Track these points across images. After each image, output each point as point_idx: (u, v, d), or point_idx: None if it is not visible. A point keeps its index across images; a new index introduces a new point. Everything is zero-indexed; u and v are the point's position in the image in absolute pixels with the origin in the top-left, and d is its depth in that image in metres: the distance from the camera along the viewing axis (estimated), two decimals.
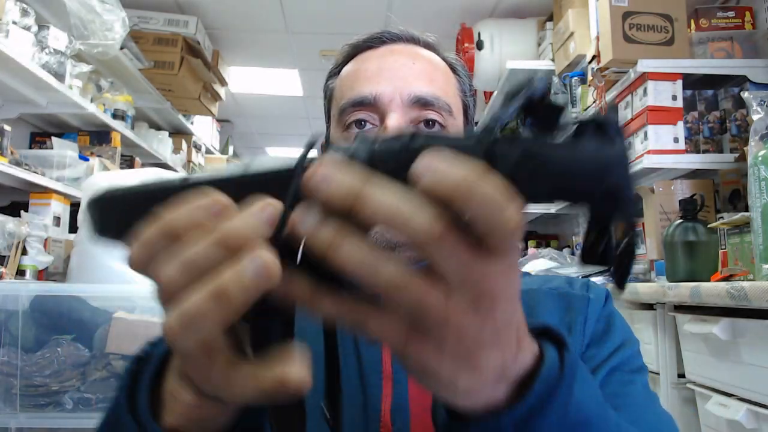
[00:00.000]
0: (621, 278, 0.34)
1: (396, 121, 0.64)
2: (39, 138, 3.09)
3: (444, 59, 0.74)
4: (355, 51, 0.73)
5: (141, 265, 0.31)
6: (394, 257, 0.28)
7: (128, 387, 0.39)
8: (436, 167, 0.27)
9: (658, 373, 1.66)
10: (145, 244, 0.31)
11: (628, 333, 0.67)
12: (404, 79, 0.66)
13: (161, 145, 4.11)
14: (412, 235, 0.27)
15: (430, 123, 0.66)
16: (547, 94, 0.32)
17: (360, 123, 0.67)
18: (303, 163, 0.29)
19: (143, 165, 3.73)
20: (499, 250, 0.28)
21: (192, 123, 4.71)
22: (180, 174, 0.29)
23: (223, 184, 0.31)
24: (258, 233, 0.28)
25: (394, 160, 0.29)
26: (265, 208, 0.28)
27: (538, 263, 2.57)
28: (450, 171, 0.27)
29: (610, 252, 0.33)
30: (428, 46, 0.73)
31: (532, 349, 0.35)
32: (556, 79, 2.93)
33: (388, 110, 0.65)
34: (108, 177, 1.87)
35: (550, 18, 3.24)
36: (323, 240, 0.28)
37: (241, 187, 0.30)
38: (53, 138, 2.94)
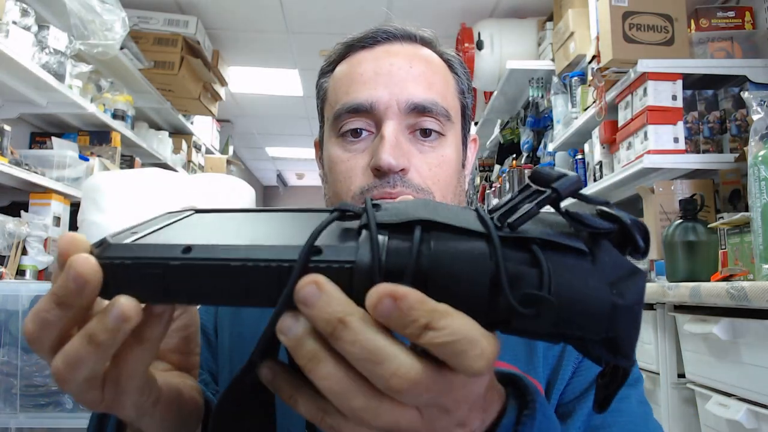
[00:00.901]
0: (603, 401, 0.33)
1: (392, 129, 0.63)
2: (39, 138, 3.09)
3: (441, 56, 0.72)
4: (350, 50, 0.70)
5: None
6: (367, 385, 0.28)
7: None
8: (401, 312, 0.27)
9: (658, 373, 1.66)
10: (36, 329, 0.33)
11: None
12: (401, 84, 0.65)
13: (161, 145, 4.11)
14: (381, 379, 0.27)
15: (427, 132, 0.65)
16: (578, 191, 0.29)
17: (356, 132, 0.65)
18: (304, 263, 0.28)
19: (143, 165, 3.73)
20: (472, 378, 0.29)
21: (192, 123, 4.71)
22: (182, 242, 0.29)
23: (223, 267, 0.29)
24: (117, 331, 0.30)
25: (398, 271, 0.28)
26: (118, 312, 0.30)
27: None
28: (411, 314, 0.27)
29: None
30: (425, 42, 0.71)
31: (499, 403, 0.36)
32: (555, 79, 2.93)
33: (385, 118, 0.64)
34: (108, 177, 1.87)
35: (550, 18, 3.24)
36: (302, 354, 0.29)
37: (241, 271, 0.29)
38: (53, 138, 2.94)
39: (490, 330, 0.28)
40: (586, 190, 2.57)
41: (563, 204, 0.30)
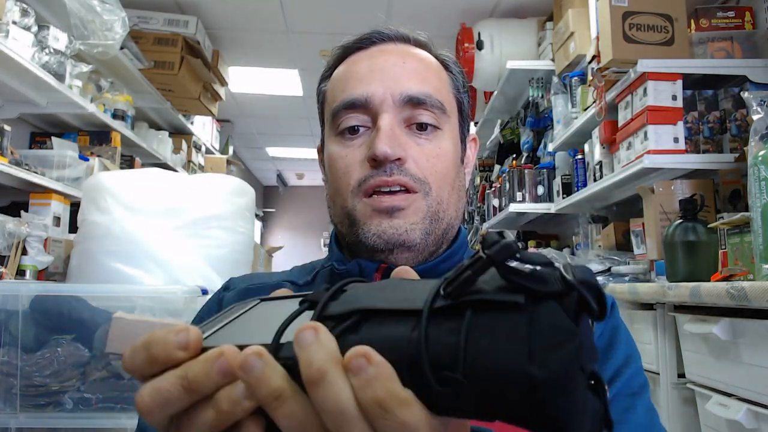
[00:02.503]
0: None
1: (388, 121, 0.64)
2: (39, 138, 3.09)
3: (436, 57, 0.73)
4: (346, 52, 0.72)
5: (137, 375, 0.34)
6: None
7: None
8: (367, 377, 0.27)
9: (658, 373, 1.66)
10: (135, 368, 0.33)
11: (630, 347, 0.66)
12: (395, 78, 0.66)
13: (161, 145, 4.11)
14: None
15: (423, 126, 0.66)
16: (514, 256, 0.27)
17: (353, 129, 0.66)
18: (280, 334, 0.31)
19: (143, 165, 3.73)
20: None
21: (192, 123, 4.72)
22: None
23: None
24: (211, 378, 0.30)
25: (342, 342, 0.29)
26: (217, 358, 0.30)
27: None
28: (374, 383, 0.27)
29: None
30: (419, 44, 0.72)
31: None
32: (555, 79, 2.93)
33: (380, 111, 0.65)
34: (108, 177, 1.87)
35: (550, 18, 3.24)
36: (267, 393, 0.29)
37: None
38: (53, 138, 2.94)
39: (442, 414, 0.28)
40: (587, 190, 2.57)
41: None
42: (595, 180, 2.50)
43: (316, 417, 0.28)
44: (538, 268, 0.27)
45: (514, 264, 0.27)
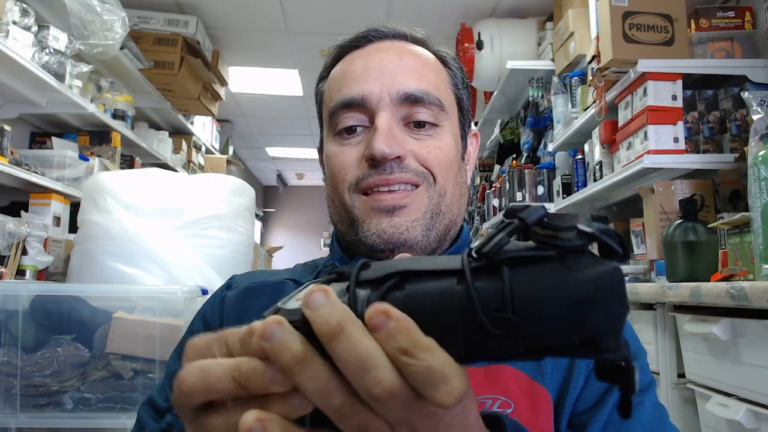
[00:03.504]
0: (623, 405, 0.32)
1: (385, 120, 0.63)
2: (39, 138, 3.09)
3: (434, 53, 0.72)
4: (343, 52, 0.71)
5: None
6: (349, 388, 0.30)
7: None
8: (389, 330, 0.29)
9: (658, 373, 1.66)
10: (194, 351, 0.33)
11: (636, 345, 0.66)
12: (392, 76, 0.65)
13: (161, 145, 4.11)
14: (364, 386, 0.29)
15: (420, 124, 0.66)
16: (542, 219, 0.30)
17: (351, 129, 0.66)
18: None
19: (143, 165, 3.73)
20: (441, 410, 0.30)
21: (192, 123, 4.72)
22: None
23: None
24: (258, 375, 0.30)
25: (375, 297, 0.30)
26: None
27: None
28: (396, 335, 0.28)
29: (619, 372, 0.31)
30: (417, 41, 0.72)
31: None
32: (555, 79, 2.93)
33: (377, 109, 0.64)
34: (108, 177, 1.87)
35: (550, 18, 3.24)
36: (289, 357, 0.30)
37: None
38: (53, 138, 2.95)
39: (473, 361, 0.30)
40: (587, 190, 2.57)
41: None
42: (595, 180, 2.50)
43: (339, 377, 0.29)
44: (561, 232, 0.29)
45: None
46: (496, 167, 4.08)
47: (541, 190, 3.18)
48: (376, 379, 0.28)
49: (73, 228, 2.68)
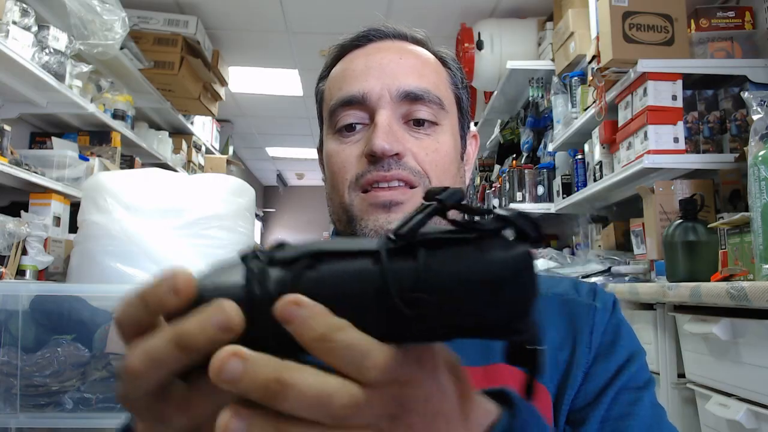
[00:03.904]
0: (529, 385, 0.32)
1: (385, 117, 0.64)
2: (39, 138, 3.09)
3: (434, 54, 0.72)
4: (343, 51, 0.72)
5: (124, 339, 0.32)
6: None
7: None
8: (302, 319, 0.28)
9: (658, 373, 1.66)
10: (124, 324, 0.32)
11: (635, 344, 0.66)
12: (392, 75, 0.66)
13: (161, 145, 4.11)
14: (335, 415, 0.28)
15: (420, 122, 0.66)
16: (460, 201, 0.30)
17: (350, 126, 0.66)
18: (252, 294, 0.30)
19: (143, 165, 3.73)
20: (375, 387, 0.29)
21: (192, 123, 4.72)
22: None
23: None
24: (208, 336, 0.28)
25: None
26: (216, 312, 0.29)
27: (538, 263, 2.57)
28: (310, 322, 0.28)
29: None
30: (417, 41, 0.72)
31: (486, 418, 0.36)
32: (555, 79, 2.93)
33: (378, 107, 0.65)
34: (108, 177, 1.87)
35: (550, 18, 3.24)
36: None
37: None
38: (53, 138, 2.95)
39: (396, 342, 0.29)
40: (587, 190, 2.57)
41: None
42: (595, 180, 2.50)
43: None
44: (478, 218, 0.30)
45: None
46: (496, 167, 4.08)
47: (541, 190, 3.18)
48: (341, 403, 0.27)
49: (73, 228, 2.68)
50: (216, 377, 0.27)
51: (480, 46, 3.34)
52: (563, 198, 2.89)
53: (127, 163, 3.59)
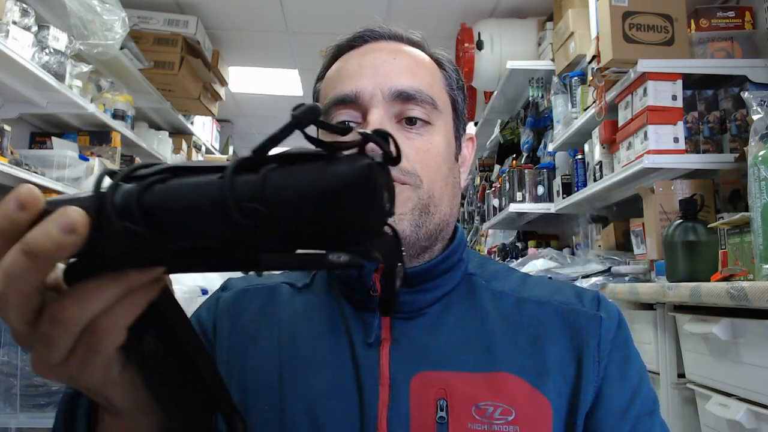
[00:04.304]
0: (385, 303, 0.33)
1: (378, 116, 0.64)
2: (39, 138, 3.09)
3: (430, 55, 0.73)
4: (339, 52, 0.73)
5: None
6: None
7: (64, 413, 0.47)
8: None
9: (658, 373, 1.66)
10: None
11: (640, 362, 0.66)
12: (385, 74, 0.66)
13: (161, 145, 4.11)
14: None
15: (412, 121, 0.66)
16: (317, 118, 0.31)
17: (343, 124, 0.66)
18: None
19: None
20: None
21: (192, 123, 4.72)
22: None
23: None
24: (54, 242, 0.29)
25: (125, 205, 0.30)
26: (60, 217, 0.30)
27: (538, 263, 2.57)
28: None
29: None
30: (412, 42, 0.72)
31: None
32: (555, 79, 2.93)
33: (370, 106, 0.65)
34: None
35: (550, 18, 3.24)
36: None
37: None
38: (53, 138, 2.95)
39: (232, 252, 0.30)
40: (587, 190, 2.57)
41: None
42: (595, 180, 2.50)
43: None
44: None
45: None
46: (496, 167, 4.08)
47: (541, 190, 3.18)
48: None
49: None
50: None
51: (480, 46, 3.34)
52: (563, 198, 2.89)
53: (127, 163, 3.59)
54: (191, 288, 1.57)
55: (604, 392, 0.61)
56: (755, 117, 1.51)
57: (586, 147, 2.63)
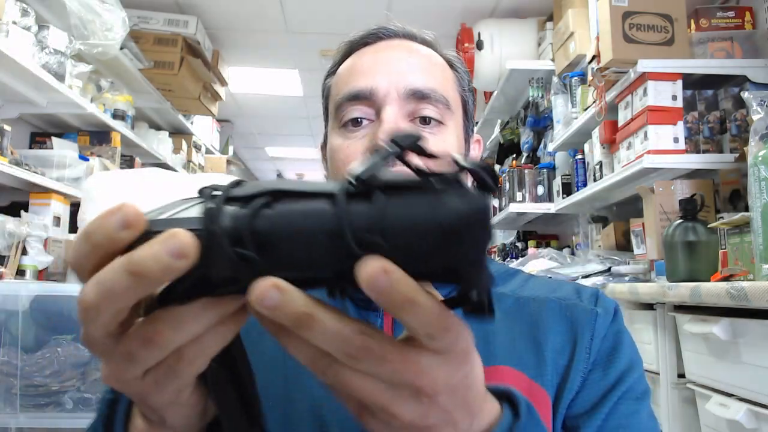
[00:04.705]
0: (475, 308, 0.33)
1: (392, 114, 0.64)
2: (39, 138, 3.09)
3: (442, 55, 0.73)
4: (352, 48, 0.72)
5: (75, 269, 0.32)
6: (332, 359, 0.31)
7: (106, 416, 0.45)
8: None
9: (658, 373, 1.66)
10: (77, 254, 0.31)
11: (634, 353, 0.66)
12: (400, 72, 0.66)
13: (161, 145, 4.11)
14: (336, 351, 0.30)
15: (426, 120, 0.66)
16: (418, 145, 0.30)
17: (356, 121, 0.66)
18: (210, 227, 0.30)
19: (143, 165, 3.73)
20: (433, 348, 0.30)
21: (192, 123, 4.71)
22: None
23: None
24: (161, 264, 0.28)
25: (237, 234, 0.29)
26: (168, 240, 0.28)
27: (538, 263, 2.57)
28: (398, 287, 0.28)
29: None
30: (425, 42, 0.72)
31: (490, 412, 0.37)
32: (555, 79, 2.93)
33: (384, 104, 0.65)
34: (108, 177, 1.87)
35: (550, 18, 3.24)
36: (275, 327, 0.30)
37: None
38: (53, 138, 2.95)
39: (343, 285, 0.31)
40: (587, 190, 2.57)
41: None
42: (595, 180, 2.50)
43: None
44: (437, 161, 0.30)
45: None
46: (496, 167, 4.08)
47: (541, 190, 3.18)
48: (355, 345, 0.29)
49: (73, 228, 2.68)
50: (257, 304, 0.28)
51: (480, 46, 3.34)
52: (563, 198, 2.89)
53: (127, 163, 3.59)
54: None
55: (589, 379, 0.62)
56: (755, 117, 1.51)
57: (586, 147, 2.63)
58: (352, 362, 0.30)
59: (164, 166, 3.98)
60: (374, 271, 0.27)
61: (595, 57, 2.31)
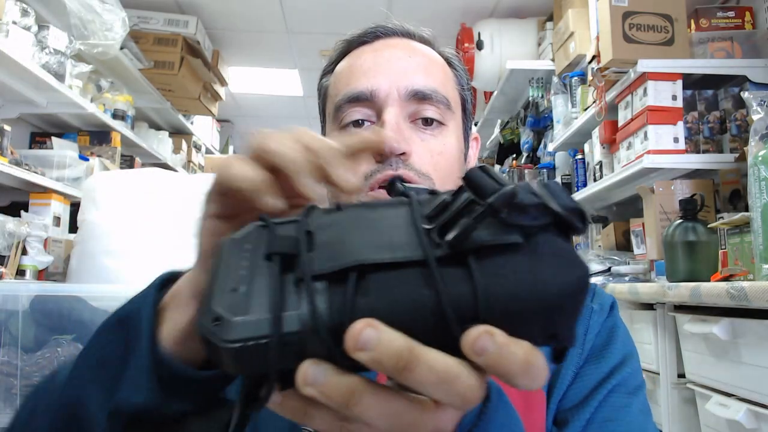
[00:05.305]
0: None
1: (393, 116, 0.63)
2: (39, 138, 3.09)
3: (440, 54, 0.72)
4: (350, 47, 0.71)
5: None
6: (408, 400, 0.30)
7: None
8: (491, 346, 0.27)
9: (658, 373, 1.66)
10: None
11: (629, 347, 0.65)
12: (401, 72, 0.65)
13: (161, 145, 4.11)
14: (454, 395, 0.29)
15: (428, 121, 0.65)
16: (512, 201, 0.29)
17: (358, 123, 0.65)
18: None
19: (143, 165, 3.73)
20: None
21: (192, 123, 4.71)
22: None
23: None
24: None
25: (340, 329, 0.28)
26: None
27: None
28: (506, 348, 0.28)
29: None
30: (424, 40, 0.71)
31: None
32: (555, 79, 2.93)
33: (385, 105, 0.64)
34: (108, 177, 1.87)
35: (550, 18, 3.24)
36: (339, 394, 0.29)
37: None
38: (53, 138, 2.94)
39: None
40: (587, 190, 2.57)
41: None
42: (595, 180, 2.50)
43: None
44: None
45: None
46: (496, 167, 4.08)
47: None
48: (467, 383, 0.28)
49: (73, 228, 2.67)
50: (352, 344, 0.27)
51: (480, 46, 3.34)
52: None
53: (127, 163, 3.59)
54: None
55: (580, 372, 0.61)
56: (755, 117, 1.51)
57: (586, 147, 2.63)
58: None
59: (164, 166, 3.98)
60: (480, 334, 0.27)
61: (595, 57, 2.31)
